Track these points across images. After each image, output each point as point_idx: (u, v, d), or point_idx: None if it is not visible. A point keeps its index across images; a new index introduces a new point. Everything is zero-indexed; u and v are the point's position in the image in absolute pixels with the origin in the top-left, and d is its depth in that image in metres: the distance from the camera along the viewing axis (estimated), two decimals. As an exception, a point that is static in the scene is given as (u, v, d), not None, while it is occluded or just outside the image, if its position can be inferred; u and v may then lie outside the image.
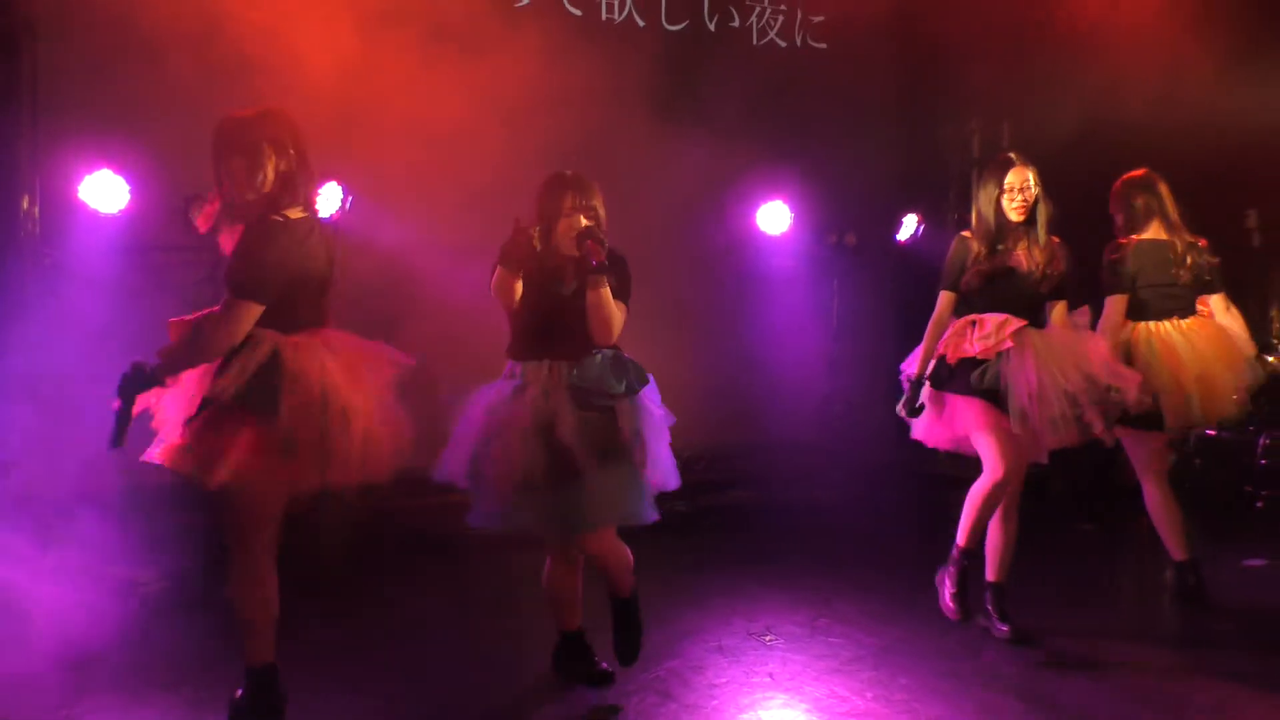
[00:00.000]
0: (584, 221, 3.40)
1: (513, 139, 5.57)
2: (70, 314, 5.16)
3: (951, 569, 4.24)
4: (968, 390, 4.11)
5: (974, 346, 4.10)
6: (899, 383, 4.47)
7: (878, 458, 6.92)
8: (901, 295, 8.06)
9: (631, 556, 3.60)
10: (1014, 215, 4.15)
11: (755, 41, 7.21)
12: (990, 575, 4.29)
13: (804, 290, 7.30)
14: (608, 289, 3.35)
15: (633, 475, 3.44)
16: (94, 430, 4.86)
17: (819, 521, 6.28)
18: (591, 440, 3.34)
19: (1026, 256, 4.14)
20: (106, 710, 3.51)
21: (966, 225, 7.64)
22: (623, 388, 3.38)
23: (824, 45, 7.35)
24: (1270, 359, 6.56)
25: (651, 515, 3.53)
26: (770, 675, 3.86)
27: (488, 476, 3.37)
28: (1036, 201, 4.16)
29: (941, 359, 4.22)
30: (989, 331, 4.11)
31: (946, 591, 4.25)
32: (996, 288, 4.15)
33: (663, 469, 3.51)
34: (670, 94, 6.56)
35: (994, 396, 4.05)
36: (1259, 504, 6.23)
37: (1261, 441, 6.24)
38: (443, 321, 5.18)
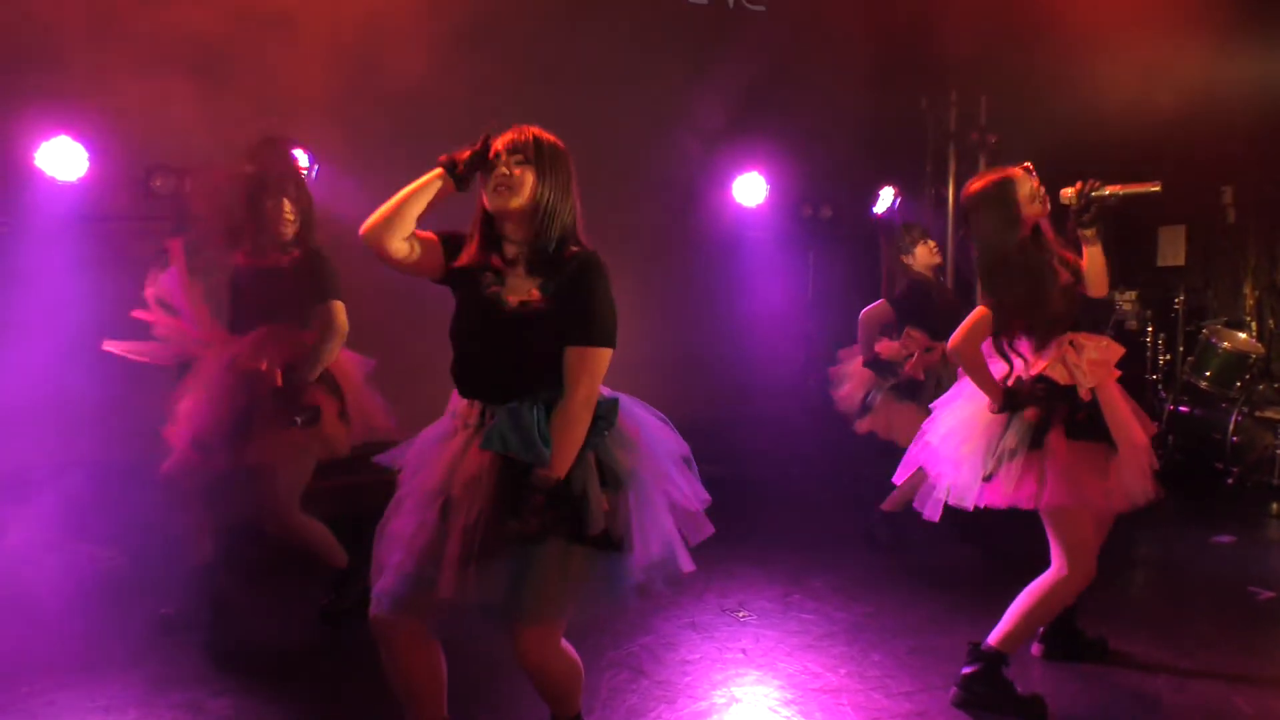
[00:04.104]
0: (502, 172, 2.61)
1: (483, 110, 5.55)
2: (25, 283, 5.11)
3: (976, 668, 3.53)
4: (1111, 440, 3.42)
5: (1087, 377, 3.43)
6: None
7: (850, 433, 6.99)
8: (877, 269, 8.14)
9: (581, 667, 2.81)
10: (1043, 213, 3.52)
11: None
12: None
13: (779, 263, 7.34)
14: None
15: (579, 554, 2.54)
16: (47, 401, 4.88)
17: (791, 497, 6.36)
18: (512, 512, 2.51)
19: (1066, 259, 3.55)
20: (64, 688, 3.51)
21: (943, 200, 7.72)
22: (547, 454, 2.52)
23: (761, 8, 7.32)
24: (1243, 335, 6.68)
25: (618, 597, 2.62)
26: (743, 651, 3.92)
27: (386, 544, 2.63)
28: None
29: (1066, 396, 3.41)
30: (1098, 359, 3.47)
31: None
32: (1070, 308, 3.52)
33: (649, 541, 2.61)
34: (646, 64, 6.55)
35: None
36: (1229, 481, 6.34)
37: (1234, 419, 6.34)
38: (405, 294, 5.19)
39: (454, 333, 2.71)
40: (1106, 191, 3.44)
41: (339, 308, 4.02)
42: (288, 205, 4.02)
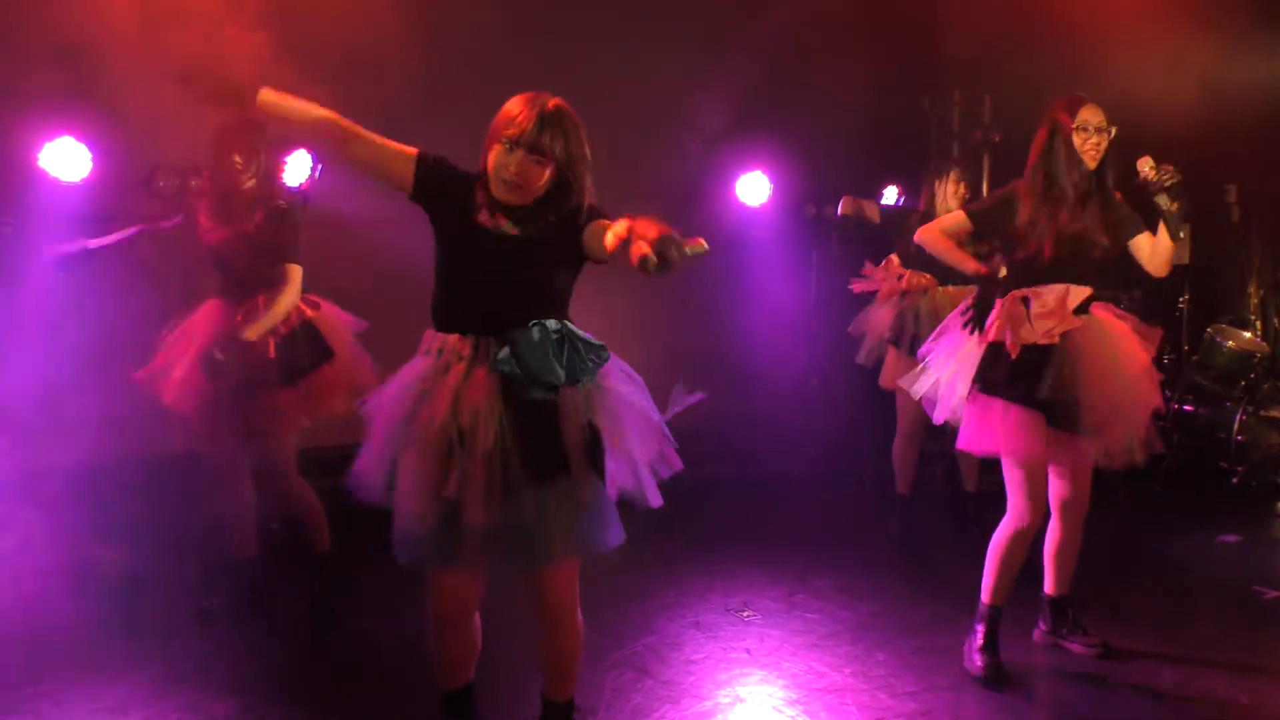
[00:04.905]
0: (513, 170, 2.57)
1: (486, 112, 5.57)
2: (28, 285, 5.12)
3: (979, 625, 3.77)
4: (1029, 400, 3.49)
5: (1034, 331, 3.49)
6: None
7: (853, 432, 7.02)
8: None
9: (583, 636, 2.85)
10: (1087, 159, 3.56)
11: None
12: (1049, 589, 3.92)
13: (782, 262, 7.35)
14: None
15: (584, 489, 2.61)
16: (51, 403, 4.90)
17: (794, 496, 6.37)
18: (527, 444, 2.58)
19: (1098, 218, 3.57)
20: (68, 689, 3.53)
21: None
22: (563, 373, 2.58)
23: None
24: (1247, 334, 6.69)
25: (612, 540, 2.68)
26: (748, 651, 3.93)
27: (403, 491, 2.64)
28: (1108, 151, 3.58)
29: (995, 350, 3.56)
30: (1050, 308, 3.51)
31: (973, 645, 3.77)
32: (1063, 262, 3.55)
33: (629, 476, 2.69)
34: (649, 64, 6.56)
35: (1053, 408, 3.49)
36: (1234, 480, 6.34)
37: (1238, 418, 6.34)
38: (409, 290, 5.20)
39: (444, 266, 2.69)
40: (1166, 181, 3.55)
41: (294, 271, 3.98)
42: (236, 157, 3.98)
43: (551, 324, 2.60)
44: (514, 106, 2.62)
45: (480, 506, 2.52)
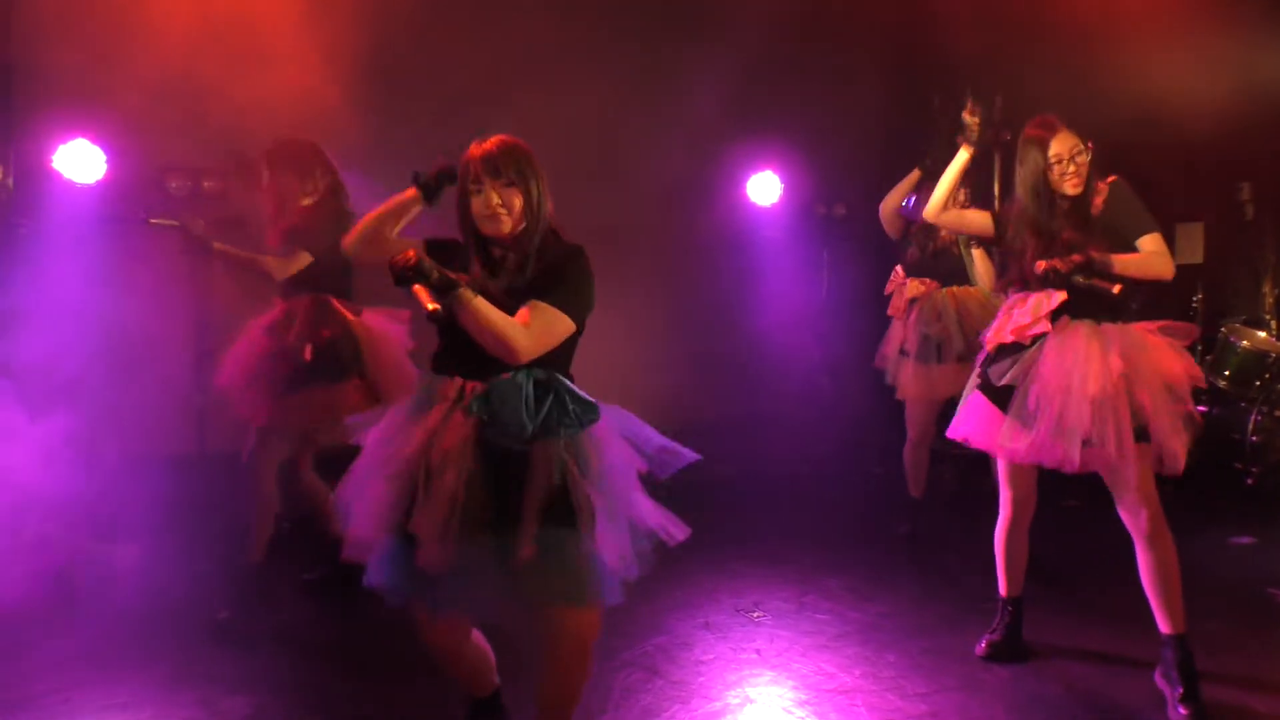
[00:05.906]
0: (494, 202, 2.67)
1: (497, 114, 5.58)
2: (44, 285, 5.16)
3: (996, 614, 3.91)
4: (987, 387, 3.61)
5: (1007, 332, 3.57)
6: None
7: (862, 432, 7.00)
8: (891, 267, 8.12)
9: (589, 670, 2.84)
10: (1069, 189, 3.57)
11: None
12: (1164, 628, 3.54)
13: (793, 262, 7.35)
14: (475, 305, 2.54)
15: (561, 543, 2.60)
16: (65, 399, 4.92)
17: (804, 496, 6.36)
18: (493, 493, 2.61)
19: (1090, 240, 3.50)
20: (80, 686, 3.55)
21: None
22: (530, 426, 2.59)
23: None
24: (1261, 334, 6.64)
25: (594, 596, 2.69)
26: (757, 652, 3.93)
27: (358, 516, 2.67)
28: (1091, 172, 3.56)
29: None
30: (1027, 309, 3.55)
31: (985, 637, 3.90)
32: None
33: (612, 540, 2.65)
34: (659, 63, 6.56)
35: (1004, 400, 3.54)
36: (1249, 481, 6.29)
37: (1253, 418, 6.29)
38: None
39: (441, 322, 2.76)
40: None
41: (295, 256, 4.07)
42: (290, 177, 4.16)
43: (538, 373, 2.65)
44: (466, 154, 2.75)
45: (435, 547, 2.54)
